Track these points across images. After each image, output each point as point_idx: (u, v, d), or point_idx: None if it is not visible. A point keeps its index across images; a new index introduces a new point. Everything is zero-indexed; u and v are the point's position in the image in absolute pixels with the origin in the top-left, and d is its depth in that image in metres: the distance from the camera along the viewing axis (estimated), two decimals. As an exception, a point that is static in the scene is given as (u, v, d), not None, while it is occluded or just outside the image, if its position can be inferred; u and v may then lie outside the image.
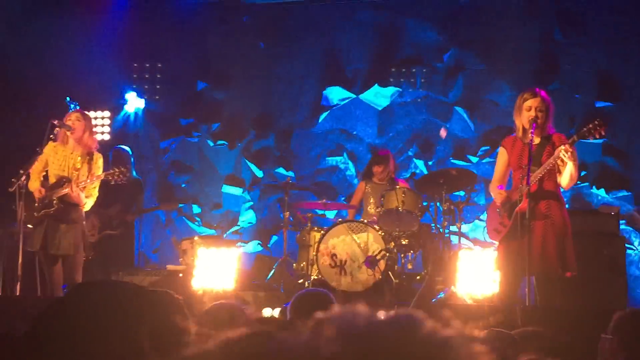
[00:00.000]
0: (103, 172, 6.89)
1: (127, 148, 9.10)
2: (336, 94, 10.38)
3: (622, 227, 8.38)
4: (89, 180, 6.77)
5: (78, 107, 7.08)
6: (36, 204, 6.84)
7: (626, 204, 9.19)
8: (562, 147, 5.48)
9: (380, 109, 10.25)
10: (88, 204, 6.92)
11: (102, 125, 10.10)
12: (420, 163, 10.05)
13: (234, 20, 10.58)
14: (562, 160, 5.55)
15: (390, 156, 8.78)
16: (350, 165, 10.29)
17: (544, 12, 9.70)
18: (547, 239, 5.61)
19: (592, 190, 9.39)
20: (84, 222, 7.03)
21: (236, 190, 10.56)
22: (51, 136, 6.89)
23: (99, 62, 10.09)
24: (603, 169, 9.38)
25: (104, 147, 8.37)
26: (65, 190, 6.71)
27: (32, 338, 1.42)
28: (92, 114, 8.65)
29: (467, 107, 9.97)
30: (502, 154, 6.02)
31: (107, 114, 10.19)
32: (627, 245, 8.45)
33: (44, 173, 6.99)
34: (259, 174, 10.54)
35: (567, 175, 5.59)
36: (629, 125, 9.33)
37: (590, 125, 5.53)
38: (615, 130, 9.13)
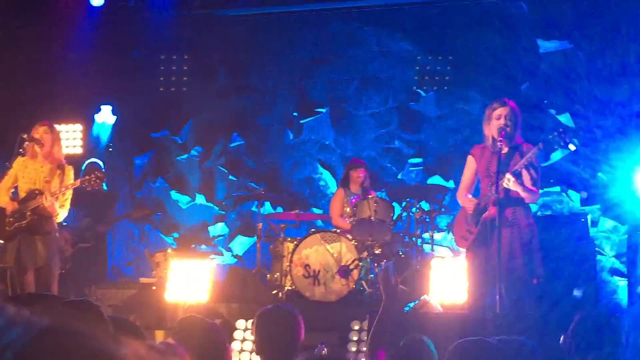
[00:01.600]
0: (78, 179, 6.83)
1: (99, 161, 9.07)
2: (310, 105, 10.42)
3: (592, 232, 8.46)
4: (63, 189, 6.71)
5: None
6: (8, 219, 6.79)
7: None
8: (505, 177, 5.59)
9: (353, 119, 10.29)
10: (61, 214, 6.85)
11: (74, 139, 10.06)
12: (392, 173, 10.10)
13: (206, 31, 10.59)
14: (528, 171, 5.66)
15: (364, 164, 8.81)
16: (324, 175, 10.31)
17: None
18: (513, 246, 5.67)
19: (562, 196, 9.47)
20: (57, 235, 6.97)
21: (209, 202, 10.56)
22: (20, 150, 6.83)
23: (72, 74, 10.08)
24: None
25: (76, 161, 8.34)
26: (39, 201, 6.65)
27: None
28: (63, 127, 8.63)
29: (439, 117, 10.03)
30: (471, 162, 6.08)
31: (79, 127, 10.14)
32: (597, 250, 8.53)
33: (13, 189, 6.93)
34: (232, 185, 10.54)
35: (524, 196, 5.72)
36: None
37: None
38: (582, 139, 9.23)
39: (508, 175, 5.60)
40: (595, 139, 9.31)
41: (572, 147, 5.75)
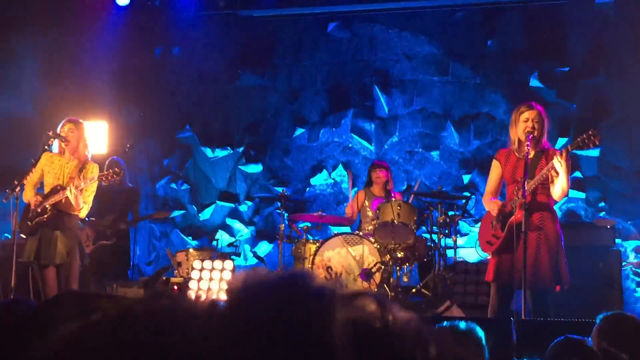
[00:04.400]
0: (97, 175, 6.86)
1: (120, 159, 9.09)
2: (333, 107, 10.41)
3: (617, 240, 8.37)
4: (83, 185, 6.73)
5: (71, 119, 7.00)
6: (31, 214, 6.82)
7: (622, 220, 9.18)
8: (557, 156, 5.50)
9: (375, 121, 10.26)
10: (84, 210, 6.86)
11: (99, 137, 10.07)
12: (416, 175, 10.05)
13: (230, 31, 10.62)
14: (556, 171, 5.57)
15: (388, 167, 8.77)
16: (346, 178, 10.29)
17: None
18: (540, 251, 5.61)
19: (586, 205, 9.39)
20: (79, 231, 6.99)
21: (231, 203, 10.57)
22: (46, 147, 6.87)
23: (98, 73, 10.15)
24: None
25: (100, 158, 8.36)
26: (61, 196, 6.67)
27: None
28: (88, 125, 8.66)
29: (462, 121, 9.97)
30: (496, 167, 6.03)
31: (104, 125, 10.16)
32: (622, 258, 8.43)
33: (39, 185, 6.97)
34: (254, 186, 10.54)
35: (558, 187, 5.61)
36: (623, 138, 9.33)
37: (585, 136, 5.56)
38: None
39: (561, 156, 5.48)
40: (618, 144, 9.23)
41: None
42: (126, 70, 10.47)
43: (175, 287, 8.06)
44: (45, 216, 6.75)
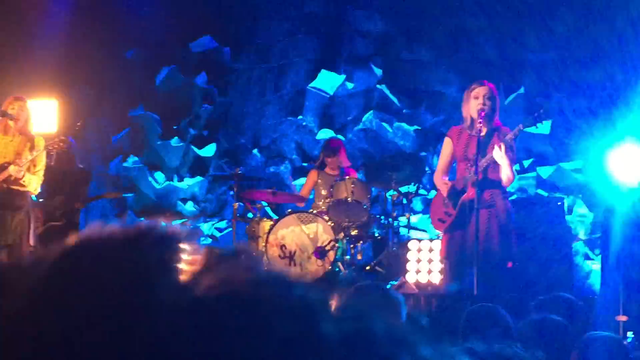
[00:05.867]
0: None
1: (71, 138, 8.91)
2: (285, 85, 10.35)
3: (567, 216, 8.50)
4: (30, 157, 6.58)
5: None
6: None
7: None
8: (496, 146, 5.58)
9: (329, 98, 10.23)
10: (33, 184, 6.70)
11: (48, 116, 9.83)
12: (370, 154, 10.07)
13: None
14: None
15: (342, 146, 8.76)
16: (299, 156, 10.26)
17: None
18: (491, 228, 5.67)
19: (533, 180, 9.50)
20: (30, 210, 6.84)
21: (183, 181, 10.47)
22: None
23: (46, 48, 9.89)
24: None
25: (50, 138, 8.19)
26: (8, 173, 6.52)
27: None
28: (37, 102, 8.48)
29: (415, 98, 10.00)
30: (448, 145, 6.06)
31: (54, 103, 9.92)
32: (571, 234, 8.58)
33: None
34: (207, 165, 10.45)
35: (504, 175, 5.71)
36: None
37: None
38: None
39: (499, 146, 5.55)
40: (568, 121, 9.34)
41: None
42: (77, 44, 10.22)
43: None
44: (-5, 196, 6.62)
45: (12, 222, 6.63)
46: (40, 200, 8.16)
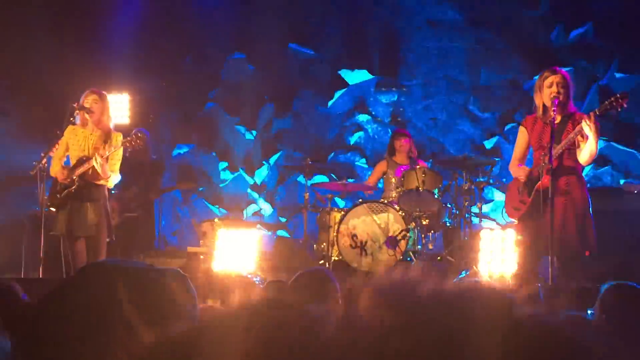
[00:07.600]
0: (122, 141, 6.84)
1: (145, 130, 9.08)
2: (354, 75, 10.34)
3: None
4: (108, 152, 6.72)
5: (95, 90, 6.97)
6: (59, 187, 6.84)
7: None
8: (585, 120, 5.42)
9: (397, 89, 10.19)
10: (112, 178, 6.85)
11: (121, 109, 10.04)
12: (439, 144, 9.99)
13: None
14: (583, 136, 5.49)
15: (410, 136, 8.73)
16: (369, 145, 10.25)
17: None
18: (567, 216, 5.56)
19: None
20: (107, 202, 6.98)
21: (254, 172, 10.57)
22: (71, 119, 6.88)
23: (121, 44, 10.11)
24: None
25: (123, 130, 8.37)
26: (87, 165, 6.67)
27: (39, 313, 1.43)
28: (111, 97, 8.66)
29: (485, 88, 9.88)
30: (522, 134, 5.97)
31: (126, 97, 10.13)
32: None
33: (65, 158, 6.98)
34: (278, 155, 10.53)
35: (586, 151, 5.52)
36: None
37: (612, 99, 5.47)
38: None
39: (589, 120, 5.38)
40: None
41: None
42: (151, 41, 10.42)
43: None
44: (73, 188, 6.76)
45: (90, 214, 6.77)
46: (116, 191, 8.34)
